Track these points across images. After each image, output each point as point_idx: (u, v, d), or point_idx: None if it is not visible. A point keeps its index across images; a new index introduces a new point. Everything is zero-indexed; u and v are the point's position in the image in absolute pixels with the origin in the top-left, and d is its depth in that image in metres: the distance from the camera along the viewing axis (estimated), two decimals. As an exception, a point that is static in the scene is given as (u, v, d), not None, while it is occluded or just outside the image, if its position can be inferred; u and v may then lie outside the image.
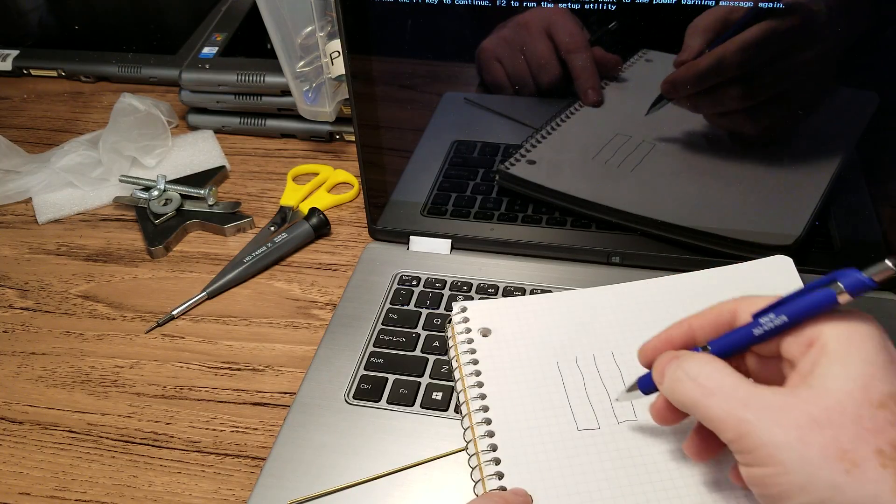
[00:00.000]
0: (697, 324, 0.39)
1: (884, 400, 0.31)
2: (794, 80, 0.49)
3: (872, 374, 0.32)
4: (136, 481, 0.48)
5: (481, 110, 0.55)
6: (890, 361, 0.33)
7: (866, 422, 0.31)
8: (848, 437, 0.31)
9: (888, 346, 0.33)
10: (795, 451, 0.31)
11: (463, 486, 0.44)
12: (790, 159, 0.52)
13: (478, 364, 0.48)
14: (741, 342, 0.36)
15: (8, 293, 0.62)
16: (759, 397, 0.33)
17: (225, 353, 0.56)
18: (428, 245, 0.61)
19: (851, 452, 0.31)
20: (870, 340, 0.33)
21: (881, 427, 0.31)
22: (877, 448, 0.30)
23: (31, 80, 0.88)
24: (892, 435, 0.31)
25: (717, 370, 0.35)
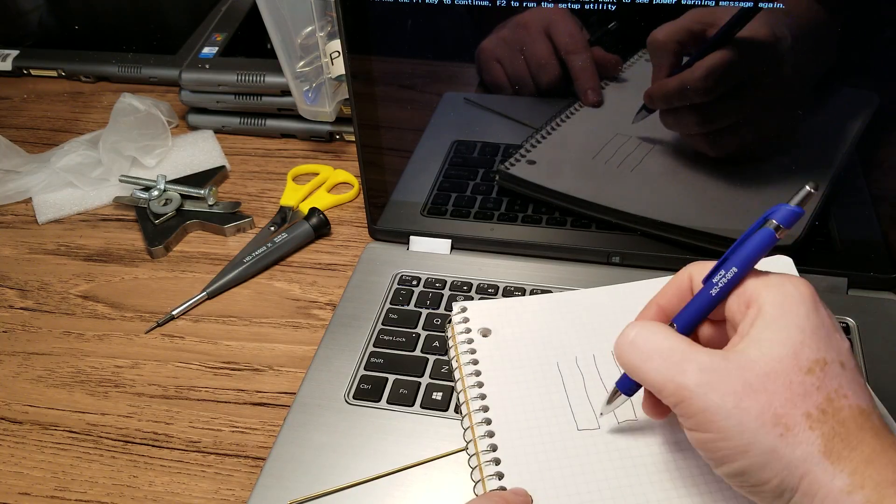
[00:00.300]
0: (664, 300, 0.40)
1: (811, 366, 0.33)
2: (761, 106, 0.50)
3: (801, 341, 0.33)
4: (136, 481, 0.48)
5: (481, 110, 0.55)
6: (819, 326, 0.34)
7: (796, 387, 0.33)
8: (780, 401, 0.33)
9: (819, 309, 0.35)
10: (733, 417, 0.33)
11: (463, 486, 0.44)
12: (791, 159, 0.52)
13: (478, 364, 0.48)
14: (702, 308, 0.38)
15: (8, 293, 0.62)
16: (695, 362, 0.34)
17: (225, 353, 0.56)
18: (428, 245, 0.61)
19: (784, 417, 0.32)
20: (802, 305, 0.34)
21: (808, 391, 0.33)
22: (805, 411, 0.32)
23: (31, 80, 0.89)
24: (818, 398, 0.33)
25: (655, 333, 0.36)
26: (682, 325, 0.38)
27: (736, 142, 0.52)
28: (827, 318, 0.35)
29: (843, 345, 0.35)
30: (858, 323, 0.52)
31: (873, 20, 0.45)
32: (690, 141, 0.53)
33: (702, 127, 0.51)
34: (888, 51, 0.46)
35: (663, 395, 0.35)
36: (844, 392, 0.33)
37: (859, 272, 0.55)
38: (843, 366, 0.34)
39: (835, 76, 0.49)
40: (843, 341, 0.35)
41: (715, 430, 0.33)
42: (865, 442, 0.32)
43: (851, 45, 0.47)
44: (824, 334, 0.34)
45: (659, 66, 0.49)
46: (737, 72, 0.48)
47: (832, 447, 0.32)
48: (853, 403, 0.33)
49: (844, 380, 0.33)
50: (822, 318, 0.35)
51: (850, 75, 0.48)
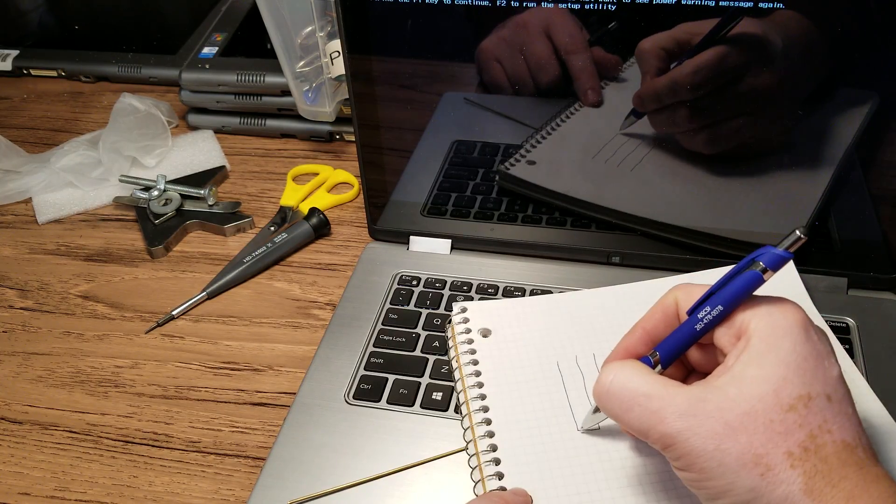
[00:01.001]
0: (649, 325, 0.40)
1: (793, 402, 0.33)
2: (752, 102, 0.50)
3: (784, 377, 0.33)
4: (136, 481, 0.48)
5: (481, 110, 0.55)
6: (807, 356, 0.34)
7: (777, 426, 0.32)
8: (761, 441, 0.32)
9: (809, 337, 0.34)
10: (715, 459, 0.33)
11: (463, 486, 0.44)
12: (790, 159, 0.52)
13: (478, 364, 0.48)
14: (686, 341, 0.37)
15: (8, 293, 0.62)
16: (674, 407, 0.34)
17: (225, 353, 0.56)
18: (428, 245, 0.61)
19: (765, 457, 0.32)
20: (788, 337, 0.34)
21: (790, 429, 0.32)
22: (787, 450, 0.32)
23: (31, 80, 0.88)
24: (799, 436, 0.32)
25: (630, 378, 0.36)
26: (665, 354, 0.38)
27: (731, 139, 0.52)
28: (817, 345, 0.34)
29: (831, 373, 0.34)
30: (858, 323, 0.52)
31: (873, 20, 0.45)
32: (685, 140, 0.53)
33: (692, 123, 0.51)
34: (888, 51, 0.46)
35: (649, 441, 0.35)
36: (829, 427, 0.33)
37: (859, 272, 0.55)
38: (829, 399, 0.33)
39: (835, 76, 0.49)
40: (832, 369, 0.34)
41: (698, 471, 0.33)
42: (848, 478, 0.32)
43: (851, 45, 0.47)
44: (811, 366, 0.33)
45: (646, 72, 0.50)
46: (727, 69, 0.48)
47: (813, 485, 0.31)
48: (837, 439, 0.33)
49: (829, 414, 0.33)
50: (811, 348, 0.34)
51: (850, 75, 0.48)
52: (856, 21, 0.46)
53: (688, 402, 0.34)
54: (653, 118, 0.52)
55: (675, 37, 0.48)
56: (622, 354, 0.40)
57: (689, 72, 0.48)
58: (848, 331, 0.52)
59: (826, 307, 0.52)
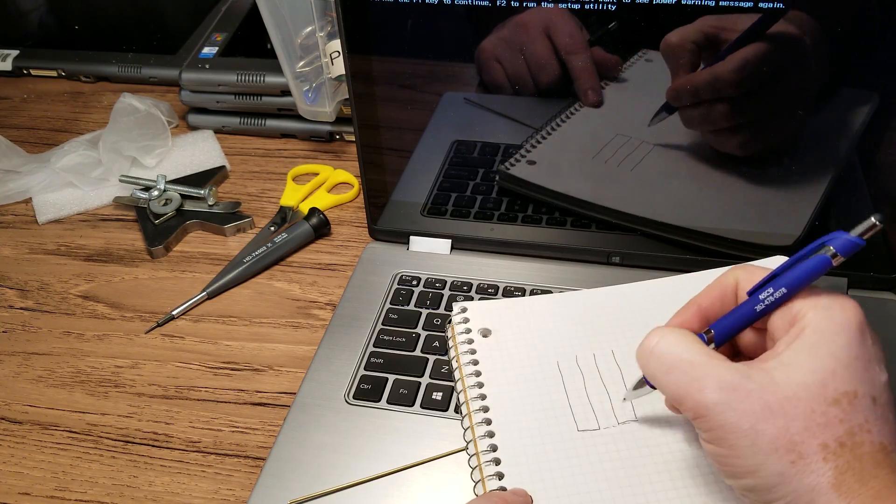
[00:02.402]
0: (706, 302, 0.39)
1: (838, 397, 0.32)
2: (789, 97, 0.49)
3: (833, 370, 0.33)
4: (136, 481, 0.48)
5: (481, 110, 0.55)
6: (858, 356, 0.33)
7: (818, 416, 0.32)
8: (798, 429, 0.32)
9: (864, 338, 0.34)
10: (748, 437, 0.32)
11: (463, 486, 0.44)
12: (790, 159, 0.52)
13: (478, 364, 0.48)
14: (743, 321, 0.37)
15: (8, 293, 0.62)
16: (715, 379, 0.34)
17: (225, 353, 0.56)
18: (428, 245, 0.61)
19: (799, 444, 0.32)
20: (843, 333, 0.34)
21: (831, 423, 0.32)
22: (822, 442, 0.32)
23: (31, 80, 0.89)
24: (839, 431, 0.32)
25: (676, 344, 0.36)
26: (720, 333, 0.37)
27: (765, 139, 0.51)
28: (870, 348, 0.34)
29: (880, 378, 0.34)
30: (858, 323, 0.52)
31: (873, 20, 0.45)
32: (714, 140, 0.52)
33: (727, 121, 0.50)
34: (888, 51, 0.46)
35: (682, 408, 0.35)
36: (869, 427, 0.32)
37: (859, 272, 0.55)
38: (874, 400, 0.33)
39: (835, 76, 0.49)
40: (882, 374, 0.34)
41: (728, 447, 0.33)
42: (879, 478, 0.31)
43: (851, 45, 0.47)
44: (861, 366, 0.33)
45: (676, 67, 0.49)
46: (768, 66, 0.47)
47: (843, 480, 0.31)
48: (875, 440, 0.32)
49: (872, 415, 0.33)
50: (864, 349, 0.34)
51: (850, 75, 0.48)
52: (856, 21, 0.46)
53: (731, 376, 0.33)
54: (685, 115, 0.51)
55: (702, 30, 0.47)
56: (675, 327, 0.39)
57: (733, 67, 0.47)
58: (848, 331, 0.52)
59: (826, 307, 0.52)
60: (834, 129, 0.50)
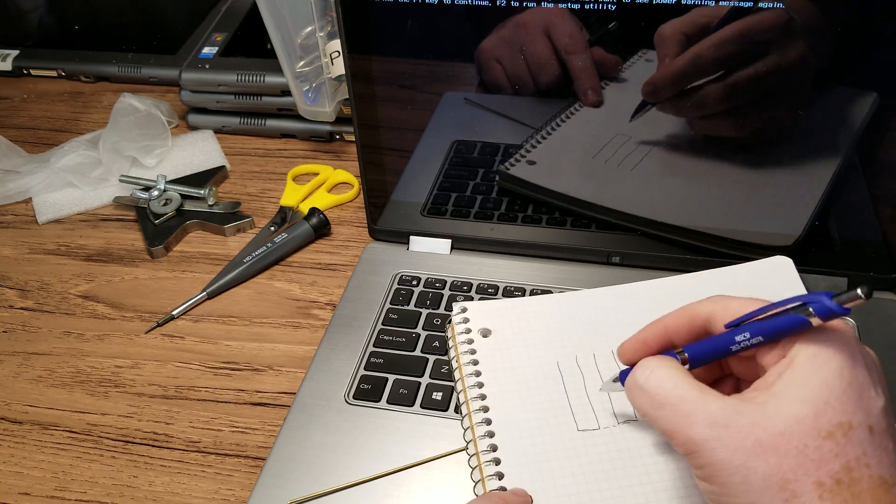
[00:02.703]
0: (673, 325, 0.38)
1: (832, 430, 0.31)
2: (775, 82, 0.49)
3: (826, 401, 0.32)
4: (136, 481, 0.48)
5: (481, 110, 0.55)
6: (851, 383, 0.32)
7: (811, 452, 0.31)
8: (791, 466, 0.31)
9: (856, 364, 0.33)
10: (739, 475, 0.31)
11: (463, 486, 0.44)
12: (790, 159, 0.52)
13: (478, 364, 0.48)
14: (717, 354, 0.36)
15: (8, 293, 0.62)
16: (705, 415, 0.33)
17: (225, 353, 0.56)
18: (428, 245, 0.61)
19: (792, 483, 0.31)
20: (835, 360, 0.32)
21: (825, 458, 0.31)
22: (817, 480, 0.31)
23: (31, 80, 0.89)
24: (834, 466, 0.31)
25: (666, 378, 0.35)
26: (694, 358, 0.36)
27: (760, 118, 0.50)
28: (863, 372, 0.33)
29: (877, 404, 0.32)
30: (858, 323, 0.52)
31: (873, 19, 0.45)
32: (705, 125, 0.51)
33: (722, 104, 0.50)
34: (888, 51, 0.46)
35: (673, 444, 0.34)
36: (867, 461, 0.31)
37: (859, 272, 0.55)
38: (870, 430, 0.31)
39: (835, 76, 0.49)
40: (878, 399, 0.32)
41: (719, 485, 0.32)
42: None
43: (851, 45, 0.47)
44: (855, 393, 0.32)
45: (664, 57, 0.48)
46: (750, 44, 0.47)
47: None
48: (874, 474, 0.31)
49: (870, 447, 0.31)
50: (857, 374, 0.32)
51: (850, 75, 0.48)
52: (856, 20, 0.46)
53: (721, 412, 0.32)
54: (668, 105, 0.51)
55: (694, 21, 0.46)
56: (639, 344, 0.39)
57: (711, 45, 0.47)
58: (848, 331, 0.52)
59: (826, 307, 0.52)
60: (834, 128, 0.50)
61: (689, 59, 0.48)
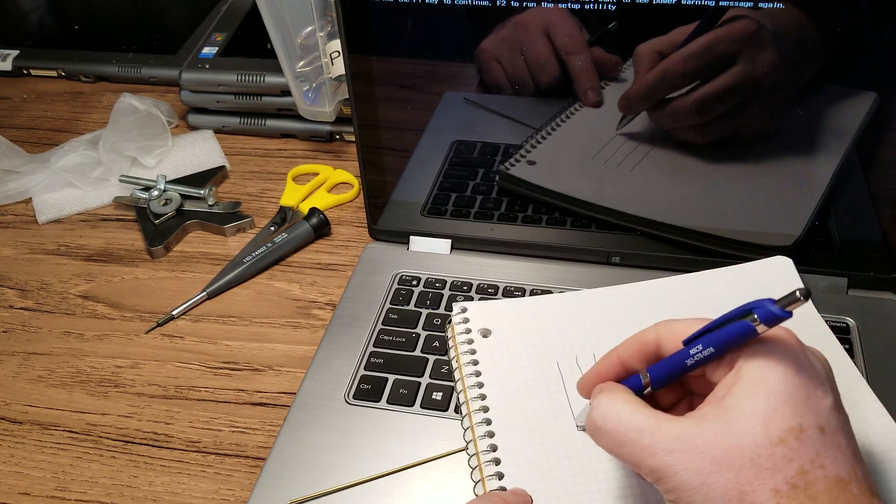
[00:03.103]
0: (625, 355, 0.39)
1: (783, 435, 0.32)
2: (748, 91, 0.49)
3: (775, 408, 0.32)
4: (136, 481, 0.48)
5: (481, 110, 0.55)
6: (795, 388, 0.33)
7: (764, 461, 0.32)
8: (747, 477, 0.31)
9: (800, 366, 0.33)
10: (700, 493, 0.32)
11: (463, 486, 0.44)
12: (790, 159, 0.52)
13: (478, 364, 0.48)
14: (675, 371, 0.37)
15: (8, 293, 0.62)
16: (664, 443, 0.33)
17: (225, 353, 0.56)
18: (428, 245, 0.61)
19: (750, 493, 0.31)
20: (778, 368, 0.33)
21: (779, 465, 0.31)
22: (773, 487, 0.31)
23: (31, 80, 0.89)
24: (788, 472, 0.31)
25: (623, 414, 0.35)
26: (655, 379, 0.37)
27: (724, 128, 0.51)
28: (808, 373, 0.33)
29: (825, 403, 0.33)
30: (858, 323, 0.52)
31: (873, 19, 0.45)
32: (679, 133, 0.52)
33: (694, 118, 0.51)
34: (888, 51, 0.46)
35: (641, 474, 0.35)
36: (821, 462, 0.32)
37: (859, 272, 0.55)
38: (821, 430, 0.32)
39: (835, 76, 0.49)
40: (826, 398, 0.33)
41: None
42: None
43: (851, 45, 0.47)
44: (802, 396, 0.33)
45: (638, 73, 0.50)
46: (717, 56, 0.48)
47: None
48: (830, 474, 0.31)
49: (822, 447, 0.32)
50: (803, 376, 0.33)
51: (850, 75, 0.48)
52: (856, 21, 0.46)
53: (678, 437, 0.33)
54: (651, 114, 0.52)
55: (671, 40, 0.48)
56: (596, 378, 0.40)
57: (679, 59, 0.48)
58: (848, 331, 0.52)
59: (826, 307, 0.52)
60: (834, 128, 0.50)
61: (658, 73, 0.49)
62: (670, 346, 0.37)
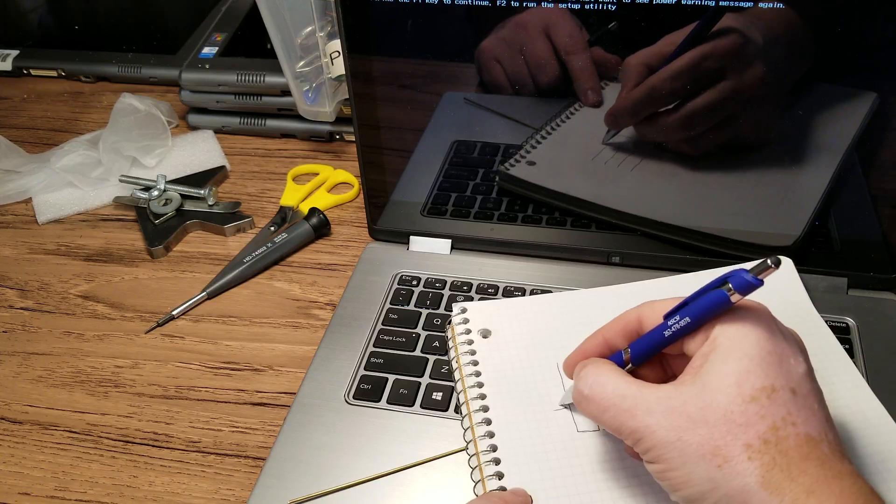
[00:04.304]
0: (609, 334, 0.41)
1: (755, 394, 0.33)
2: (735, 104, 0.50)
3: (748, 369, 0.34)
4: (136, 481, 0.48)
5: (481, 110, 0.55)
6: (768, 353, 0.34)
7: (737, 417, 0.33)
8: (720, 433, 0.33)
9: (773, 334, 0.35)
10: (676, 449, 0.34)
11: (463, 486, 0.44)
12: (790, 159, 0.52)
13: (478, 365, 0.48)
14: (655, 343, 0.38)
15: (8, 293, 0.62)
16: (643, 405, 0.35)
17: (225, 353, 0.56)
18: (428, 245, 0.61)
19: (723, 448, 0.33)
20: (753, 333, 0.35)
21: (751, 421, 0.33)
22: (746, 442, 0.33)
23: (31, 80, 0.89)
24: (760, 428, 0.33)
25: (605, 383, 0.37)
26: (635, 353, 0.39)
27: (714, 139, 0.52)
28: (781, 344, 0.35)
29: (797, 370, 0.35)
30: (858, 323, 0.52)
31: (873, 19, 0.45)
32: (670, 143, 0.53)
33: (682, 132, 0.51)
34: (888, 51, 0.46)
35: (622, 437, 0.37)
36: (793, 420, 0.33)
37: (859, 272, 0.55)
38: (793, 392, 0.34)
39: (835, 76, 0.49)
40: (799, 366, 0.35)
41: (663, 462, 0.34)
42: (808, 472, 0.32)
43: (851, 45, 0.47)
44: (775, 360, 0.34)
45: (624, 87, 0.50)
46: (705, 71, 0.48)
47: (771, 478, 0.32)
48: (801, 431, 0.33)
49: (794, 406, 0.33)
50: (775, 344, 0.35)
51: (850, 75, 0.48)
52: (856, 21, 0.46)
53: (656, 400, 0.35)
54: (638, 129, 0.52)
55: (659, 52, 0.48)
56: (580, 357, 0.41)
57: (666, 77, 0.49)
58: (848, 331, 0.52)
59: (826, 307, 0.52)
60: (834, 128, 0.50)
61: (644, 90, 0.50)
62: (651, 323, 0.39)
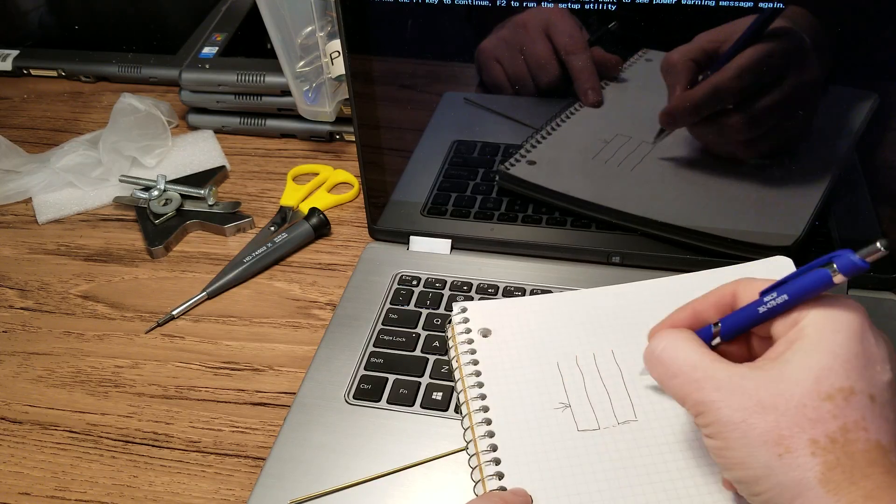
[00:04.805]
0: (701, 307, 0.40)
1: (832, 393, 0.33)
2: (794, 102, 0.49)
3: (830, 367, 0.33)
4: (136, 481, 0.48)
5: (481, 110, 0.55)
6: (858, 354, 0.33)
7: (809, 411, 0.32)
8: (788, 423, 0.32)
9: (865, 337, 0.34)
10: (739, 430, 0.33)
11: (463, 486, 0.44)
12: (790, 159, 0.52)
13: (478, 364, 0.48)
14: (747, 320, 0.38)
15: (8, 293, 0.62)
16: (713, 379, 0.35)
17: (225, 353, 0.56)
18: (428, 245, 0.61)
19: (788, 438, 0.32)
20: (844, 331, 0.34)
21: (822, 418, 0.32)
22: (812, 438, 0.32)
23: (31, 80, 0.89)
24: (830, 427, 0.32)
25: (679, 349, 0.37)
26: (727, 327, 0.38)
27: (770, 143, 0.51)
28: (872, 347, 0.34)
29: (882, 377, 0.34)
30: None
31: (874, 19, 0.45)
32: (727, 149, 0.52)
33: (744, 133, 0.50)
34: (888, 51, 0.46)
35: (685, 406, 0.36)
36: (866, 425, 0.32)
37: (859, 272, 0.55)
38: (872, 399, 0.33)
39: (835, 76, 0.49)
40: (884, 373, 0.34)
41: (722, 440, 0.34)
42: (872, 478, 0.31)
43: (851, 45, 0.47)
44: (860, 363, 0.33)
45: (675, 85, 0.49)
46: (768, 69, 0.47)
47: (831, 477, 0.31)
48: (872, 437, 0.32)
49: (869, 413, 0.32)
50: (864, 347, 0.34)
51: (850, 75, 0.48)
52: (856, 21, 0.46)
53: (728, 377, 0.35)
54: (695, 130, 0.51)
55: (701, 47, 0.47)
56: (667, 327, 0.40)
57: (731, 76, 0.48)
58: (848, 331, 0.52)
59: (826, 307, 0.52)
60: (834, 129, 0.50)
61: (708, 89, 0.49)
62: (747, 298, 0.38)
